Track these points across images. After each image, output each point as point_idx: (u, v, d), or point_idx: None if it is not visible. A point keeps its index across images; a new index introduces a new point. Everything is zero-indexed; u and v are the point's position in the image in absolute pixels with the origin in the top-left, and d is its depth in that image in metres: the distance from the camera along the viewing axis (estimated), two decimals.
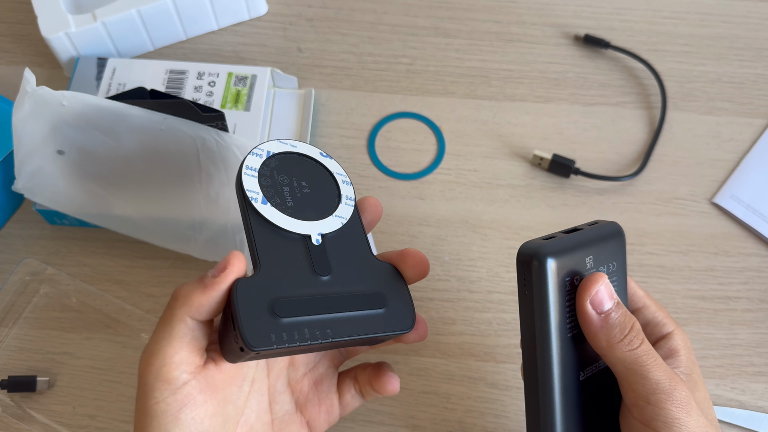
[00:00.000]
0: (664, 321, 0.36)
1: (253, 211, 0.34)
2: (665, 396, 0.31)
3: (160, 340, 0.32)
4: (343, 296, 0.34)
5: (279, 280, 0.33)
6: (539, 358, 0.32)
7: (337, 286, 0.34)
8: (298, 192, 0.36)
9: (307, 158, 0.37)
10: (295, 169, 0.37)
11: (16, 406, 0.45)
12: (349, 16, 0.61)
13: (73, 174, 0.47)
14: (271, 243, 0.34)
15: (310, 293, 0.33)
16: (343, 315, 0.33)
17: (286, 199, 0.35)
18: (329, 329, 0.33)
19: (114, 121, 0.45)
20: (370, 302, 0.35)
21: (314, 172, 0.37)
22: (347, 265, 0.35)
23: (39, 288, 0.49)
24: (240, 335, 0.30)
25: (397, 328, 0.35)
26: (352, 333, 0.33)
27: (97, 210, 0.48)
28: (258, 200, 0.35)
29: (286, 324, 0.32)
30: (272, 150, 0.36)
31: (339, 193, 0.37)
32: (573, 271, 0.32)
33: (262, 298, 0.32)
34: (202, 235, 0.47)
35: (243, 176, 0.35)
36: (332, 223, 0.36)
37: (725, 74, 0.58)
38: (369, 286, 0.35)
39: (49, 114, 0.45)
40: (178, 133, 0.46)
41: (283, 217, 0.35)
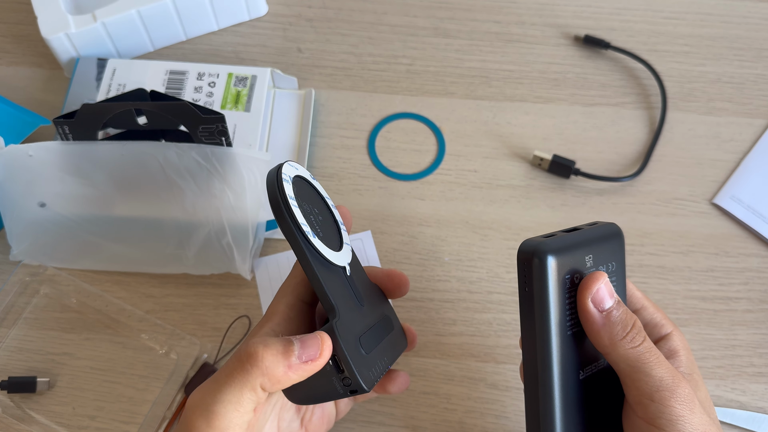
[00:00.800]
0: (663, 322, 0.36)
1: (308, 246, 0.32)
2: (669, 393, 0.31)
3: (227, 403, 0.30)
4: (378, 323, 0.36)
5: (351, 317, 0.33)
6: (539, 355, 0.32)
7: (371, 315, 0.35)
8: (319, 219, 0.35)
9: (305, 181, 0.35)
10: (306, 193, 0.35)
11: (16, 407, 0.45)
12: (349, 17, 0.60)
13: (59, 225, 0.48)
14: (331, 278, 0.33)
15: (368, 324, 0.35)
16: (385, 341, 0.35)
17: (317, 229, 0.34)
18: (386, 357, 0.35)
19: (79, 160, 0.47)
20: (387, 326, 0.37)
21: (314, 195, 0.35)
22: (365, 292, 0.36)
23: (39, 288, 0.49)
24: (356, 380, 0.31)
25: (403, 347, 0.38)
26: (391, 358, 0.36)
27: (91, 256, 0.50)
28: (311, 234, 0.32)
29: (370, 358, 0.33)
30: (290, 174, 0.34)
31: (335, 218, 0.36)
32: (573, 269, 0.32)
33: (353, 338, 0.32)
34: (190, 250, 0.48)
35: (292, 208, 0.32)
36: (348, 252, 0.36)
37: (725, 74, 0.58)
38: (380, 311, 0.37)
39: (20, 169, 0.47)
40: (139, 156, 0.47)
41: (327, 250, 0.33)
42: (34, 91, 0.57)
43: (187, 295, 0.49)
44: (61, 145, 0.47)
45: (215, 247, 0.47)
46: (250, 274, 0.49)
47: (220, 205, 0.47)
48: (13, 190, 0.47)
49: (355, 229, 0.52)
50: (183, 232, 0.48)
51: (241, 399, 0.30)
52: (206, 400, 0.31)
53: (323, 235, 0.34)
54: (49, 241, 0.49)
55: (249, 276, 0.49)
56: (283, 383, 0.31)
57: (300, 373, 0.30)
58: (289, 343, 0.31)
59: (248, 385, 0.30)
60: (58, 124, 0.47)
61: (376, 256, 0.51)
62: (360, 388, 0.31)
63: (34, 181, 0.47)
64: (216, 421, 0.30)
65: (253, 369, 0.30)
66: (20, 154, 0.46)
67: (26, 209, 0.47)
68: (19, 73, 0.58)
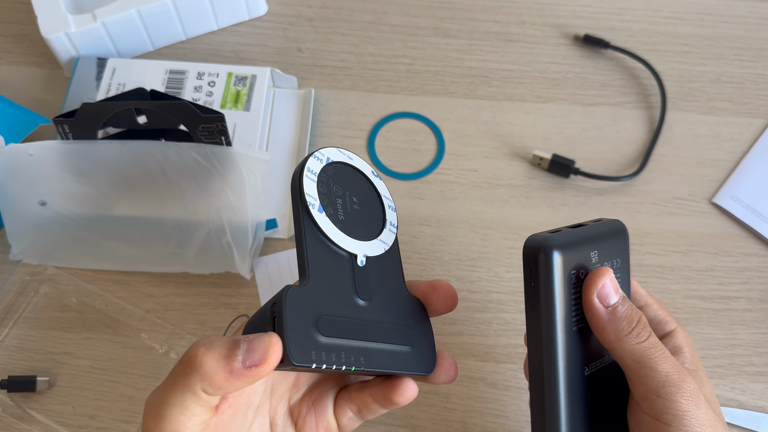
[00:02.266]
0: (667, 319, 0.36)
1: (308, 217, 0.32)
2: (675, 388, 0.31)
3: (172, 406, 0.29)
4: (379, 326, 0.33)
5: (325, 295, 0.32)
6: (545, 350, 0.32)
7: (374, 314, 0.33)
8: (349, 207, 0.34)
9: (359, 174, 0.36)
10: (348, 182, 0.35)
11: (16, 406, 0.45)
12: (349, 16, 0.61)
13: (60, 225, 0.48)
14: (321, 255, 0.32)
15: (351, 316, 0.32)
16: (377, 345, 0.33)
17: (338, 212, 0.34)
18: (363, 357, 0.32)
19: (79, 159, 0.47)
20: (401, 337, 0.34)
21: (364, 189, 0.36)
22: (384, 293, 0.34)
23: (39, 288, 0.49)
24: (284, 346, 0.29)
25: (419, 369, 0.34)
26: (381, 365, 0.33)
27: (91, 255, 0.49)
28: (315, 207, 0.33)
29: (326, 344, 0.30)
30: (332, 157, 0.34)
31: (384, 217, 0.36)
32: (579, 265, 0.32)
33: (309, 311, 0.31)
34: (190, 249, 0.48)
35: (304, 178, 0.33)
36: (377, 247, 0.35)
37: (725, 74, 0.58)
38: (400, 320, 0.34)
39: (21, 169, 0.46)
40: (139, 155, 0.47)
41: (336, 230, 0.33)
42: (34, 91, 0.57)
43: (187, 294, 0.49)
44: (61, 145, 0.47)
45: (215, 246, 0.48)
46: (249, 274, 0.49)
47: (219, 204, 0.47)
48: (13, 189, 0.47)
49: None
50: (183, 231, 0.48)
51: (184, 403, 0.29)
52: (156, 402, 0.30)
53: (344, 219, 0.34)
54: (50, 241, 0.49)
55: (249, 275, 0.49)
56: (227, 389, 0.28)
57: (244, 379, 0.28)
58: (234, 346, 0.28)
59: (189, 390, 0.29)
60: (58, 124, 0.47)
61: None
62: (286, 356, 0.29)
63: (34, 181, 0.47)
64: (164, 424, 0.29)
65: (193, 374, 0.28)
66: (20, 154, 0.46)
67: (26, 208, 0.47)
68: (20, 72, 0.58)
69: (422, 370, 0.34)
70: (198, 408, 0.29)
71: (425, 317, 0.35)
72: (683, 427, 0.31)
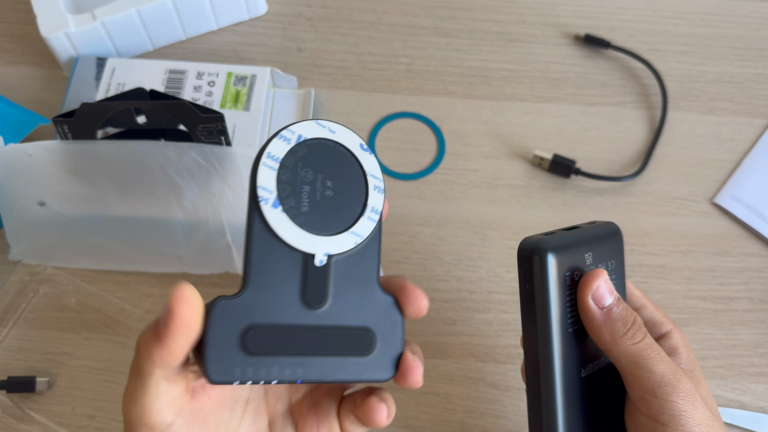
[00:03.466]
0: (662, 320, 0.37)
1: (258, 214, 0.29)
2: (671, 389, 0.31)
3: (135, 390, 0.29)
4: (326, 334, 0.30)
5: (263, 304, 0.29)
6: (541, 351, 0.32)
7: (325, 319, 0.30)
8: (319, 194, 0.30)
9: (342, 149, 0.31)
10: (324, 161, 0.30)
11: (15, 407, 0.45)
12: (349, 16, 0.60)
13: (59, 225, 0.48)
14: (268, 257, 0.29)
15: (291, 325, 0.30)
16: (322, 355, 0.30)
17: (301, 202, 0.30)
18: (300, 369, 0.30)
19: (78, 159, 0.47)
20: (356, 344, 0.31)
21: (346, 168, 0.31)
22: (345, 293, 0.31)
23: (38, 288, 0.49)
24: (203, 364, 0.28)
25: (375, 376, 0.31)
26: (325, 376, 0.30)
27: (90, 255, 0.49)
28: (269, 201, 0.29)
29: (255, 358, 0.29)
30: (305, 134, 0.30)
31: (365, 202, 0.31)
32: (573, 267, 0.32)
33: (237, 324, 0.29)
34: (189, 249, 0.48)
35: (260, 167, 0.29)
36: (345, 242, 0.31)
37: (725, 74, 0.58)
38: (361, 322, 0.31)
39: (20, 169, 0.46)
40: (139, 155, 0.46)
41: (291, 228, 0.30)
42: (33, 91, 0.57)
43: None
44: (60, 145, 0.47)
45: (214, 246, 0.47)
46: None
47: (219, 204, 0.47)
48: (12, 189, 0.47)
49: None
50: (183, 231, 0.48)
51: (144, 384, 0.29)
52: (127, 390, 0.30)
53: (309, 210, 0.30)
54: (49, 241, 0.49)
55: None
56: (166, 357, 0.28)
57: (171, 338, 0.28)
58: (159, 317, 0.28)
59: (143, 372, 0.29)
60: (58, 124, 0.47)
61: None
62: (204, 375, 0.28)
63: (33, 181, 0.47)
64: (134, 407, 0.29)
65: (138, 355, 0.29)
66: (20, 154, 0.46)
67: (25, 208, 0.47)
68: (19, 72, 0.58)
69: (379, 376, 0.31)
70: (159, 387, 0.29)
71: (395, 319, 0.31)
72: (680, 427, 0.31)
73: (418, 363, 0.31)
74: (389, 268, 0.50)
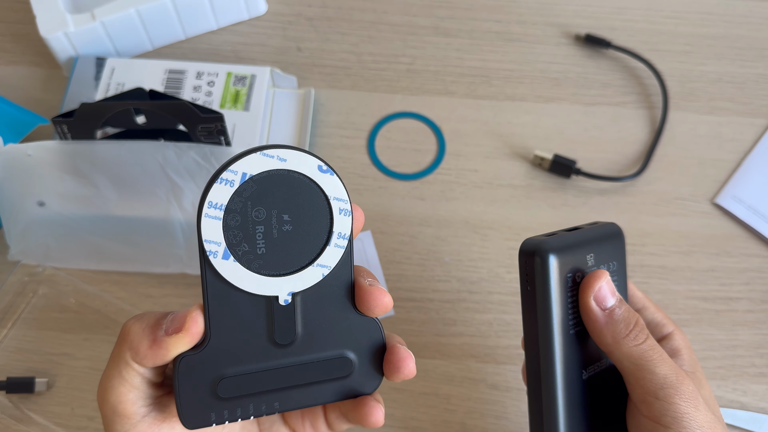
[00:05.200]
0: (664, 322, 0.36)
1: (210, 268, 0.28)
2: (673, 390, 0.31)
3: (112, 378, 0.29)
4: (300, 367, 0.30)
5: (229, 354, 0.29)
6: (542, 354, 0.32)
7: (298, 355, 0.30)
8: (275, 231, 0.28)
9: (297, 176, 0.28)
10: (278, 195, 0.28)
11: (14, 408, 0.45)
12: (349, 16, 0.60)
13: (58, 225, 0.48)
14: (228, 307, 0.29)
15: (262, 367, 0.29)
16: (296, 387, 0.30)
17: (257, 245, 0.28)
18: (277, 402, 0.30)
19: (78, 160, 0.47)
20: (332, 370, 0.30)
21: (304, 197, 0.29)
22: (318, 325, 0.30)
23: (37, 289, 0.49)
24: (178, 413, 0.29)
25: (356, 393, 0.31)
26: (303, 402, 0.30)
27: (89, 255, 0.49)
28: (218, 254, 0.28)
29: (228, 402, 0.29)
30: (250, 171, 0.27)
31: (330, 229, 0.29)
32: (575, 268, 0.32)
33: (206, 376, 0.29)
34: (189, 249, 0.48)
35: (202, 220, 0.27)
36: (310, 276, 0.29)
37: (726, 74, 0.58)
38: (335, 350, 0.30)
39: (19, 169, 0.46)
40: (138, 155, 0.46)
41: (248, 275, 0.28)
42: (32, 91, 0.57)
43: (185, 295, 0.49)
44: (59, 145, 0.47)
45: None
46: None
47: None
48: (11, 189, 0.47)
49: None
50: (182, 231, 0.47)
51: (121, 373, 0.29)
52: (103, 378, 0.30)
53: (265, 253, 0.28)
54: (48, 241, 0.48)
55: None
56: (152, 358, 0.29)
57: (165, 347, 0.28)
58: (162, 317, 0.29)
59: (122, 360, 0.29)
60: (57, 124, 0.47)
61: (376, 256, 0.51)
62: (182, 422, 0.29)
63: (32, 181, 0.47)
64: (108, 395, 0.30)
65: (123, 343, 0.29)
66: (19, 154, 0.46)
67: (25, 209, 0.47)
68: (18, 72, 0.58)
69: (359, 392, 0.31)
70: (135, 380, 0.29)
71: (374, 336, 0.31)
72: (682, 429, 0.31)
73: (409, 353, 0.31)
74: (389, 268, 0.50)
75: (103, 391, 0.30)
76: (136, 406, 0.30)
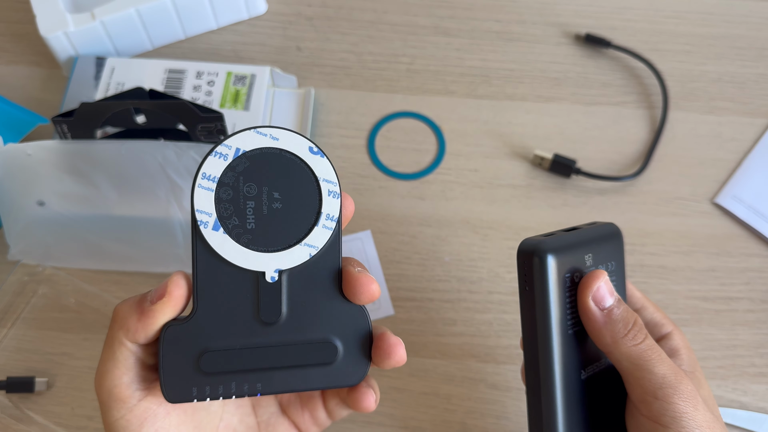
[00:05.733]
0: (663, 322, 0.36)
1: (200, 238, 0.28)
2: (672, 390, 0.31)
3: (106, 362, 0.30)
4: (284, 348, 0.30)
5: (214, 327, 0.29)
6: (541, 353, 0.32)
7: (283, 335, 0.30)
8: (265, 208, 0.29)
9: (289, 156, 0.29)
10: (269, 172, 0.29)
11: (14, 407, 0.45)
12: (349, 15, 0.60)
13: (58, 225, 0.48)
14: (215, 279, 0.29)
15: (246, 344, 0.30)
16: (280, 369, 0.30)
17: (247, 220, 0.29)
18: (260, 383, 0.30)
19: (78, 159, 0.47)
20: (316, 355, 0.30)
21: (295, 176, 0.29)
22: (303, 306, 0.30)
23: (37, 288, 0.49)
24: (161, 385, 0.29)
25: (340, 382, 0.31)
26: (286, 387, 0.30)
27: (89, 255, 0.49)
28: (209, 225, 0.28)
29: (210, 378, 0.29)
30: (244, 146, 0.28)
31: (319, 210, 0.30)
32: (573, 268, 0.32)
33: (191, 348, 0.29)
34: (189, 249, 0.48)
35: (195, 190, 0.28)
36: (298, 255, 0.29)
37: (727, 74, 0.58)
38: (321, 334, 0.30)
39: (19, 168, 0.46)
40: (138, 155, 0.46)
41: (236, 249, 0.29)
42: (32, 90, 0.57)
43: None
44: (59, 144, 0.47)
45: None
46: None
47: None
48: (11, 189, 0.47)
49: (354, 229, 0.51)
50: (182, 231, 0.47)
51: (115, 354, 0.30)
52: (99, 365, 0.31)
53: (255, 228, 0.29)
54: (48, 241, 0.48)
55: None
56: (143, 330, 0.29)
57: (153, 317, 0.29)
58: (147, 293, 0.30)
59: (115, 341, 0.30)
60: (57, 123, 0.47)
61: (376, 256, 0.51)
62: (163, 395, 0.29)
63: (32, 180, 0.47)
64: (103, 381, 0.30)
65: (114, 324, 0.30)
66: (19, 153, 0.46)
67: (25, 208, 0.47)
68: (18, 71, 0.58)
69: (345, 382, 0.31)
70: (129, 360, 0.30)
71: (361, 324, 0.31)
72: (681, 429, 0.31)
73: (398, 339, 0.31)
74: (389, 268, 0.50)
75: (99, 378, 0.30)
76: (131, 389, 0.30)
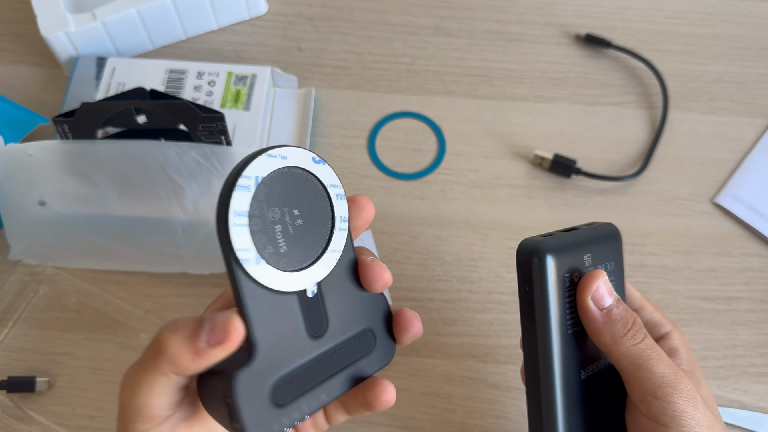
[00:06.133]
0: (662, 321, 0.37)
1: (245, 275, 0.27)
2: (672, 389, 0.31)
3: (142, 384, 0.29)
4: (336, 353, 0.31)
5: (276, 359, 0.29)
6: (540, 354, 0.32)
7: (331, 341, 0.31)
8: (291, 228, 0.29)
9: (297, 171, 0.29)
10: (286, 192, 0.29)
11: (15, 407, 0.45)
12: (350, 16, 0.60)
13: (59, 225, 0.48)
14: (267, 312, 0.29)
15: (306, 363, 0.30)
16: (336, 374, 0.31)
17: (279, 245, 0.29)
18: (324, 394, 0.31)
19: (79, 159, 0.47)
20: (360, 348, 0.32)
21: (307, 189, 0.30)
22: (341, 308, 0.31)
23: (38, 288, 0.49)
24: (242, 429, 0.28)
25: (380, 365, 0.33)
26: (344, 387, 0.31)
27: (90, 255, 0.49)
28: (251, 261, 0.27)
29: (285, 408, 0.29)
30: (261, 173, 0.28)
31: (333, 215, 0.30)
32: (572, 268, 0.32)
33: (262, 388, 0.29)
34: (190, 249, 0.48)
35: (231, 228, 0.27)
36: (327, 263, 0.30)
37: (726, 74, 0.58)
38: (360, 326, 0.32)
39: (20, 168, 0.47)
40: (139, 155, 0.46)
41: (279, 276, 0.28)
42: (33, 90, 0.57)
43: (186, 294, 0.49)
44: (60, 144, 0.47)
45: (215, 246, 0.47)
46: None
47: None
48: (12, 189, 0.47)
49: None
50: (183, 231, 0.48)
51: (153, 383, 0.29)
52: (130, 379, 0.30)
53: (287, 250, 0.29)
54: (49, 241, 0.48)
55: None
56: (194, 369, 0.28)
57: (208, 359, 0.28)
58: (198, 326, 0.28)
59: (158, 372, 0.29)
60: (58, 123, 0.47)
61: (377, 256, 0.51)
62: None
63: (33, 180, 0.47)
64: (134, 399, 0.30)
65: (160, 356, 0.28)
66: (20, 153, 0.46)
67: (26, 208, 0.47)
68: (19, 72, 0.58)
69: (383, 363, 0.33)
70: (168, 388, 0.29)
71: (383, 306, 0.33)
72: (681, 429, 0.31)
73: (414, 313, 0.33)
74: (390, 268, 0.49)
75: (129, 394, 0.30)
76: (162, 409, 0.30)
